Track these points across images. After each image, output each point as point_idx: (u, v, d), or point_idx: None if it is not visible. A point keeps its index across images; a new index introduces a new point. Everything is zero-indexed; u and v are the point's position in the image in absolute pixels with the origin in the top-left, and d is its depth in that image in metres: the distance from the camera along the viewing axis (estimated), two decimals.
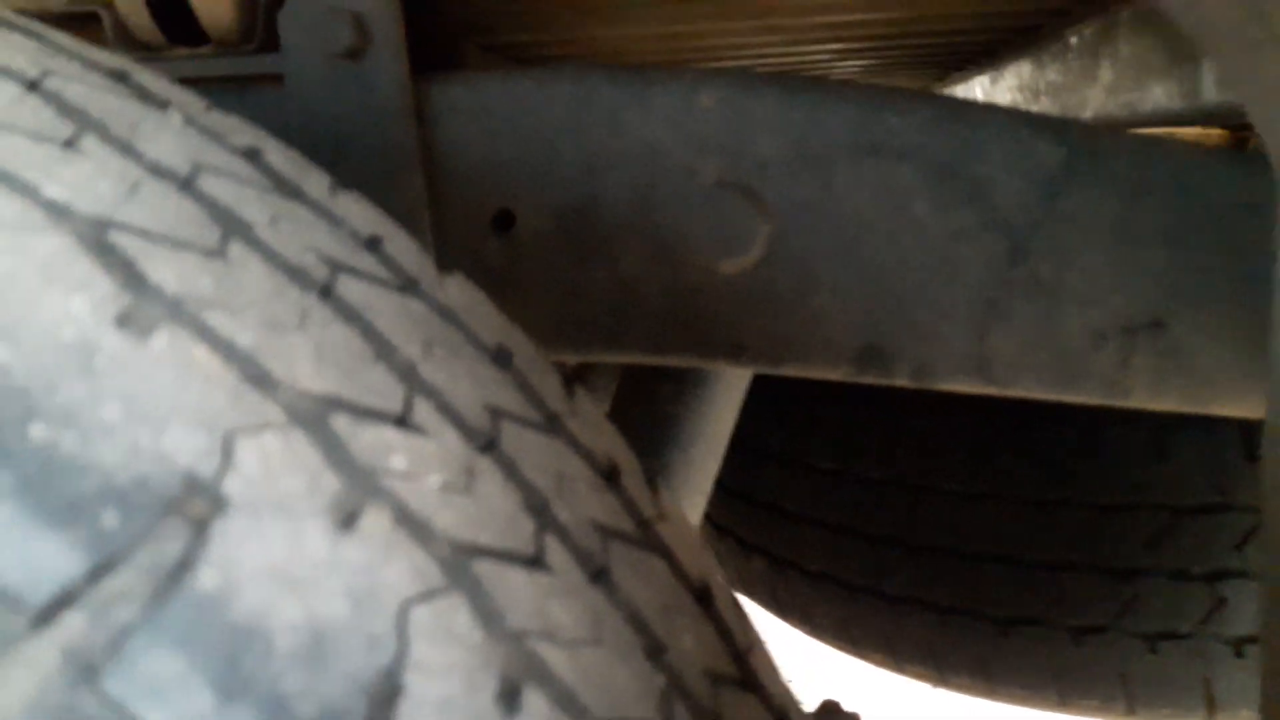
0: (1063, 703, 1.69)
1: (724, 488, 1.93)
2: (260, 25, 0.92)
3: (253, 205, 0.39)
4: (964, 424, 1.69)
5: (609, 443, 0.47)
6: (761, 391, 1.56)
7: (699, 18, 1.26)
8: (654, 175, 0.87)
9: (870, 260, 0.85)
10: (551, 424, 0.42)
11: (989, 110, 0.84)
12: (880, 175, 0.83)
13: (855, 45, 1.64)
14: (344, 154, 0.89)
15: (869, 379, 0.89)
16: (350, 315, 0.37)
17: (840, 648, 1.97)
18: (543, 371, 0.47)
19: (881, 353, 0.87)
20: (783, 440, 1.89)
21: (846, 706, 1.32)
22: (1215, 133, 1.58)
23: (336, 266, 0.39)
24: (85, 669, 0.25)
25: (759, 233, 0.87)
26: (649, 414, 1.27)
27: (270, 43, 0.92)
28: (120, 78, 0.44)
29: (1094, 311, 0.82)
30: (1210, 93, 0.98)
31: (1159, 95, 1.09)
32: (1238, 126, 1.49)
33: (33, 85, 0.39)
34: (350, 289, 0.38)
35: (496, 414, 0.39)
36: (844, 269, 0.86)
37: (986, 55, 1.80)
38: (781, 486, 1.90)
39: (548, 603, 0.33)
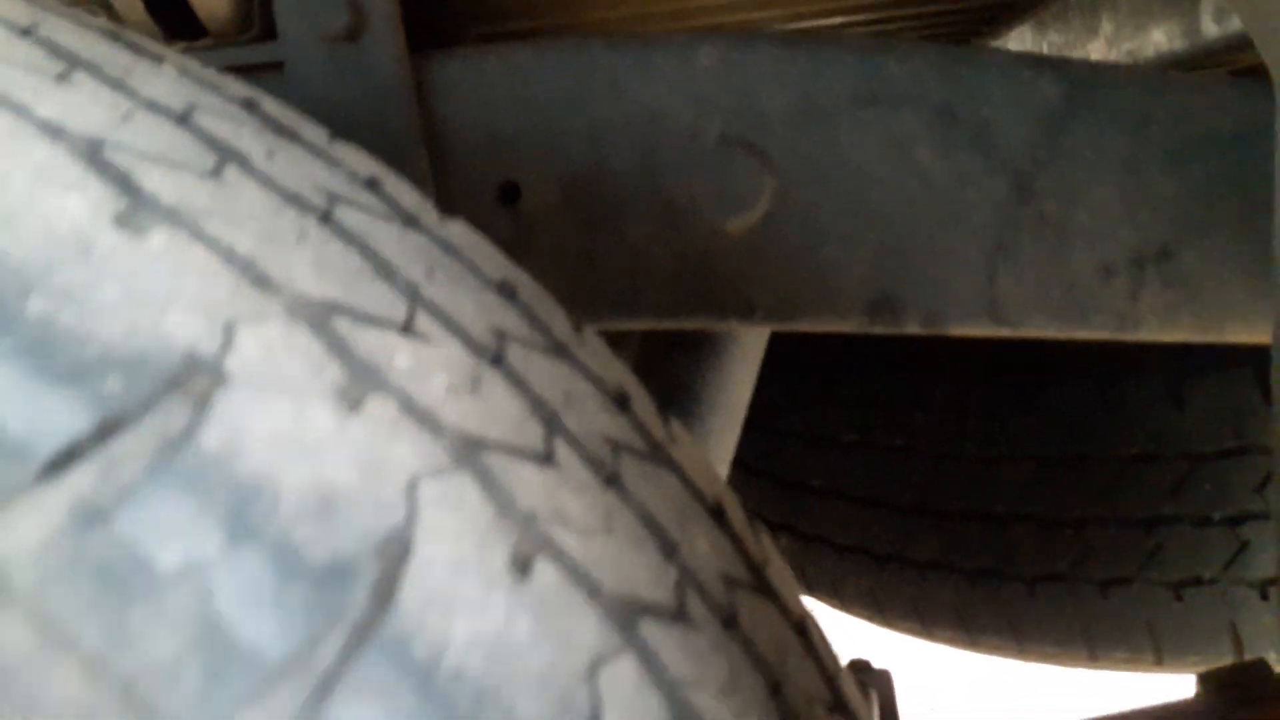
0: (1092, 657, 1.69)
1: (746, 467, 1.93)
2: (257, 14, 0.93)
3: (249, 140, 0.40)
4: (980, 386, 1.69)
5: (618, 373, 0.47)
6: (778, 368, 1.56)
7: None
8: (657, 138, 0.88)
9: (877, 209, 0.85)
10: (559, 350, 0.43)
11: (988, 52, 0.84)
12: (883, 123, 0.83)
13: (854, 17, 1.64)
14: (347, 135, 0.90)
15: (881, 329, 0.89)
16: (350, 238, 0.37)
17: (869, 619, 1.97)
18: (549, 306, 0.48)
19: (892, 302, 0.87)
20: (802, 416, 1.90)
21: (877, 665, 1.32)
22: None
23: (335, 198, 0.40)
24: (94, 515, 0.26)
25: (764, 188, 0.87)
26: (666, 386, 1.28)
27: (267, 31, 0.92)
28: (112, 35, 0.45)
29: (1102, 245, 0.82)
30: (1210, 29, 0.98)
31: (1159, 39, 1.09)
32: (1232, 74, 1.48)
33: (25, 31, 0.40)
34: (349, 217, 0.39)
35: (501, 335, 0.39)
36: (851, 219, 0.86)
37: (987, 24, 1.80)
38: (804, 462, 1.90)
39: (559, 493, 0.34)
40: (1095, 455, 1.59)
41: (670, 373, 1.27)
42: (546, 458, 0.35)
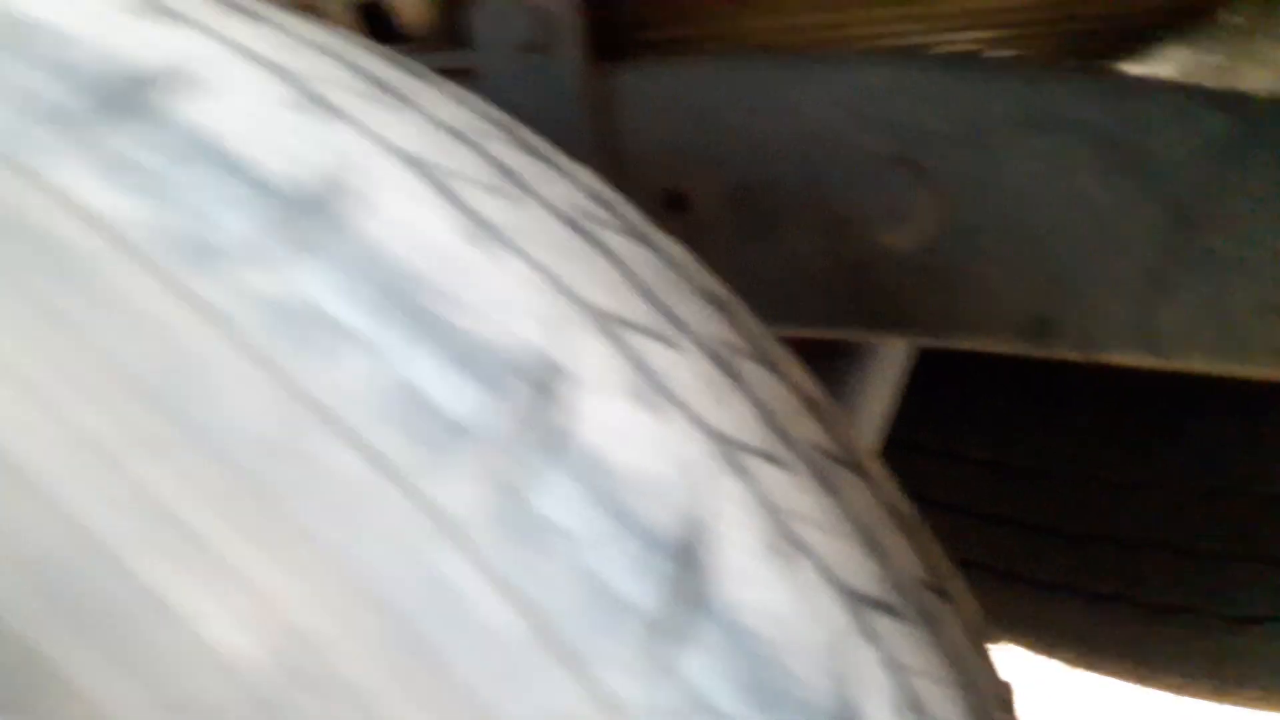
0: (1220, 692, 1.67)
1: None
2: (452, 23, 1.00)
3: (521, 163, 0.45)
4: (1122, 413, 1.68)
5: (812, 384, 0.51)
6: (915, 384, 1.58)
7: (850, 5, 1.29)
8: (823, 154, 0.91)
9: (1036, 232, 0.87)
10: (768, 361, 0.47)
11: (1156, 84, 0.86)
12: (1047, 149, 0.85)
13: (1001, 33, 1.65)
14: None
15: (1034, 351, 0.91)
16: (608, 254, 0.42)
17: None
18: (751, 319, 0.52)
19: (1047, 324, 0.89)
20: (935, 431, 1.90)
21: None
22: None
23: (587, 214, 0.45)
24: (510, 489, 0.32)
25: (926, 208, 0.90)
26: None
27: (461, 39, 0.99)
28: (393, 58, 0.51)
29: (1263, 283, 0.82)
30: None
31: None
32: None
33: (337, 57, 0.46)
34: (602, 234, 0.44)
35: (728, 345, 0.44)
36: (1010, 241, 0.88)
37: (1139, 41, 1.78)
38: (934, 477, 1.90)
39: (795, 493, 0.38)
40: (1234, 490, 1.57)
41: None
42: (780, 460, 0.39)
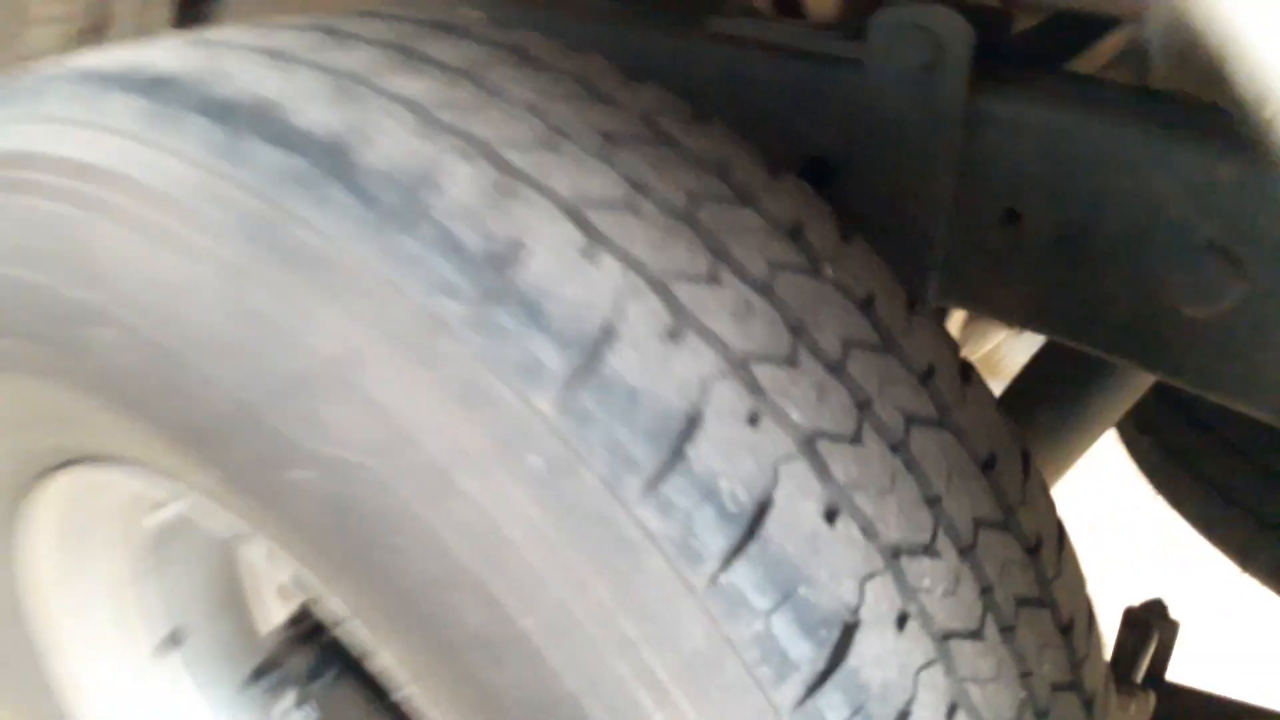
0: None
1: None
2: (854, 16, 1.13)
3: (867, 374, 0.62)
4: None
5: (1046, 520, 0.69)
6: None
7: None
8: (1152, 221, 1.01)
9: None
10: (1006, 522, 0.65)
11: None
12: None
13: None
14: (896, 144, 1.11)
15: None
16: (912, 465, 0.60)
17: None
18: (1013, 468, 0.70)
19: None
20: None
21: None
22: None
23: (909, 418, 0.62)
24: (812, 698, 0.53)
25: (1232, 292, 1.00)
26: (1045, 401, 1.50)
27: (856, 30, 1.12)
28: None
29: None
30: None
31: None
32: None
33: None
34: (917, 440, 0.61)
35: (978, 524, 0.62)
36: None
37: None
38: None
39: (977, 660, 0.58)
40: None
41: (1052, 394, 1.48)
42: (978, 635, 0.58)
